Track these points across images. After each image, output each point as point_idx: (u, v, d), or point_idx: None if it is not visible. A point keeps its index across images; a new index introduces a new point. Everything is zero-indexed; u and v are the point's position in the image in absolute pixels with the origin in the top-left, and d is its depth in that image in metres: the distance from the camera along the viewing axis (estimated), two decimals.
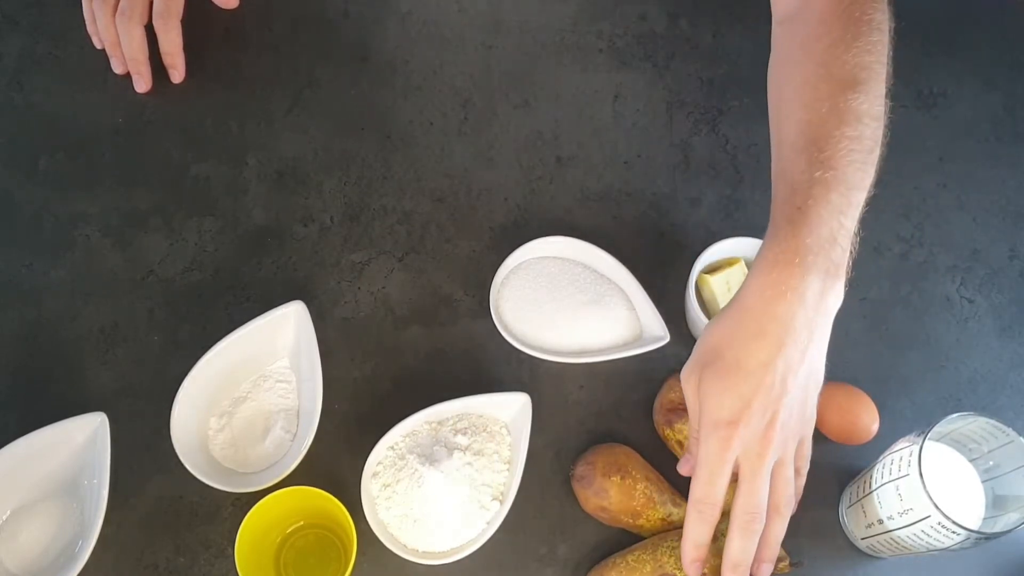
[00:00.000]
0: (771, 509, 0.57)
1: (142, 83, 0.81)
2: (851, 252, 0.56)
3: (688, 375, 0.58)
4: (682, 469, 0.63)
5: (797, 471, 0.59)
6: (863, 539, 0.66)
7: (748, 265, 0.72)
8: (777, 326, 0.54)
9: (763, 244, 0.57)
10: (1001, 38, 0.89)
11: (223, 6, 0.85)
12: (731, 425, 0.54)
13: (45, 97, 0.82)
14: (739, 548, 0.56)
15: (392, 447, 0.66)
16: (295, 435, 0.67)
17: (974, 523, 0.59)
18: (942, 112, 0.85)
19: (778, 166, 0.60)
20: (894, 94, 0.87)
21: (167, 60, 0.81)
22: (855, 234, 0.57)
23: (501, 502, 0.64)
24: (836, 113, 0.58)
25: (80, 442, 0.64)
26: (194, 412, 0.66)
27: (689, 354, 0.73)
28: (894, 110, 0.86)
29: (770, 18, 0.68)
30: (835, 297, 0.55)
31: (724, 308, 0.58)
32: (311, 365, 0.67)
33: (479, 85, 0.84)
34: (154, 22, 0.79)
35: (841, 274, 0.56)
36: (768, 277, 0.55)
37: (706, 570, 0.62)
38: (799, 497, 0.60)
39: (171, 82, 0.82)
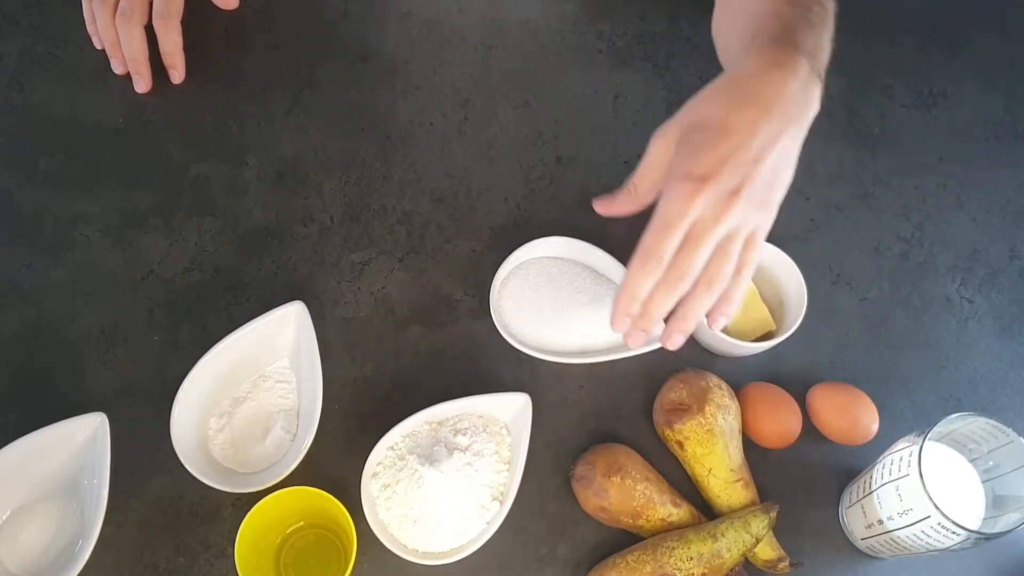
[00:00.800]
0: (702, 281, 0.57)
1: (142, 83, 0.81)
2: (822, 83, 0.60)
3: (666, 129, 0.59)
4: (597, 204, 0.64)
5: (739, 271, 0.58)
6: (863, 539, 0.66)
7: None
8: (769, 90, 0.56)
9: (749, 49, 0.60)
10: (1001, 38, 0.89)
11: (223, 7, 0.85)
12: (702, 180, 0.54)
13: (45, 97, 0.82)
14: (657, 299, 0.56)
15: (392, 447, 0.66)
16: (295, 435, 0.67)
17: (974, 523, 0.59)
18: (942, 112, 0.85)
19: (758, 24, 0.62)
20: (893, 94, 0.87)
21: (167, 60, 0.81)
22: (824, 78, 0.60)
23: (501, 502, 0.64)
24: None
25: (80, 442, 0.64)
26: (194, 412, 0.66)
27: (689, 353, 0.73)
28: (894, 110, 0.86)
29: None
30: (817, 92, 0.58)
31: (717, 80, 0.59)
32: (311, 365, 0.67)
33: (479, 85, 0.84)
34: (154, 22, 0.79)
35: (821, 82, 0.59)
36: (767, 54, 0.58)
37: (705, 569, 0.62)
38: (734, 303, 0.59)
39: (171, 82, 0.82)
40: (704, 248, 0.55)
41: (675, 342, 0.59)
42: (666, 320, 0.59)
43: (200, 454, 0.65)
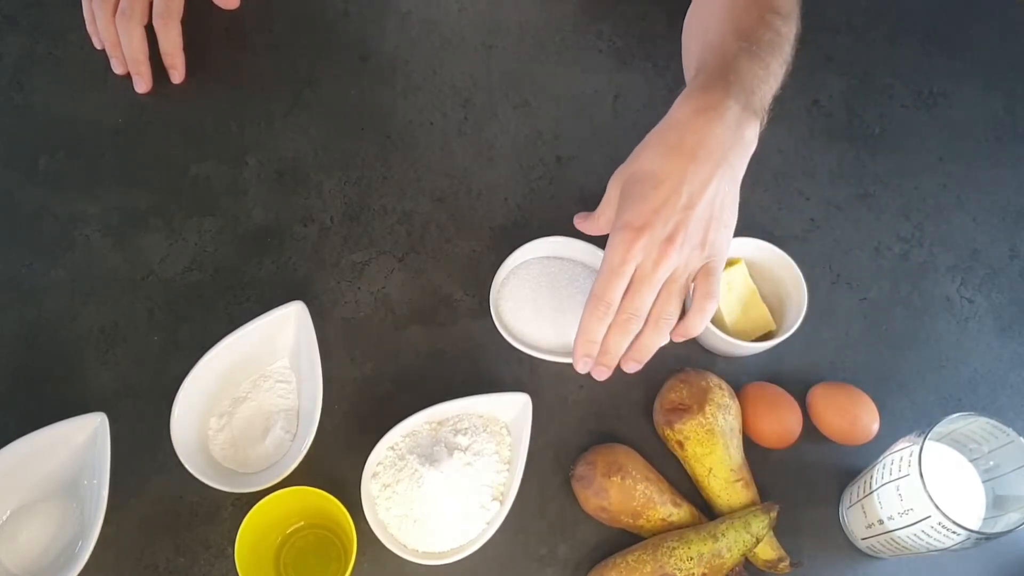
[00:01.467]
0: (650, 321, 0.61)
1: (142, 83, 0.81)
2: (765, 115, 0.63)
3: (615, 178, 0.64)
4: (578, 222, 0.69)
5: (700, 303, 0.61)
6: (863, 539, 0.66)
7: (748, 265, 0.72)
8: (694, 138, 0.60)
9: (691, 82, 0.63)
10: (1001, 38, 0.89)
11: (224, 6, 0.85)
12: (638, 230, 0.59)
13: (45, 97, 0.82)
14: (612, 340, 0.61)
15: (392, 447, 0.66)
16: (295, 435, 0.67)
17: (974, 523, 0.59)
18: (942, 112, 0.85)
19: (702, 55, 0.66)
20: (893, 94, 0.87)
21: (167, 60, 0.81)
22: (769, 108, 0.63)
23: (501, 502, 0.64)
24: (761, 21, 0.66)
25: (80, 442, 0.64)
26: (194, 412, 0.66)
27: (689, 353, 0.73)
28: (894, 110, 0.86)
29: None
30: (751, 131, 0.61)
31: (655, 128, 0.63)
32: (311, 365, 0.67)
33: (479, 85, 0.84)
34: (154, 22, 0.79)
35: (757, 119, 0.61)
36: (694, 100, 0.61)
37: (706, 569, 0.62)
38: (693, 330, 0.62)
39: (171, 82, 0.82)
40: (647, 291, 0.59)
41: (629, 368, 0.63)
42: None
43: (200, 454, 0.65)
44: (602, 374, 0.62)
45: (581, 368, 0.62)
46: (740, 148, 0.61)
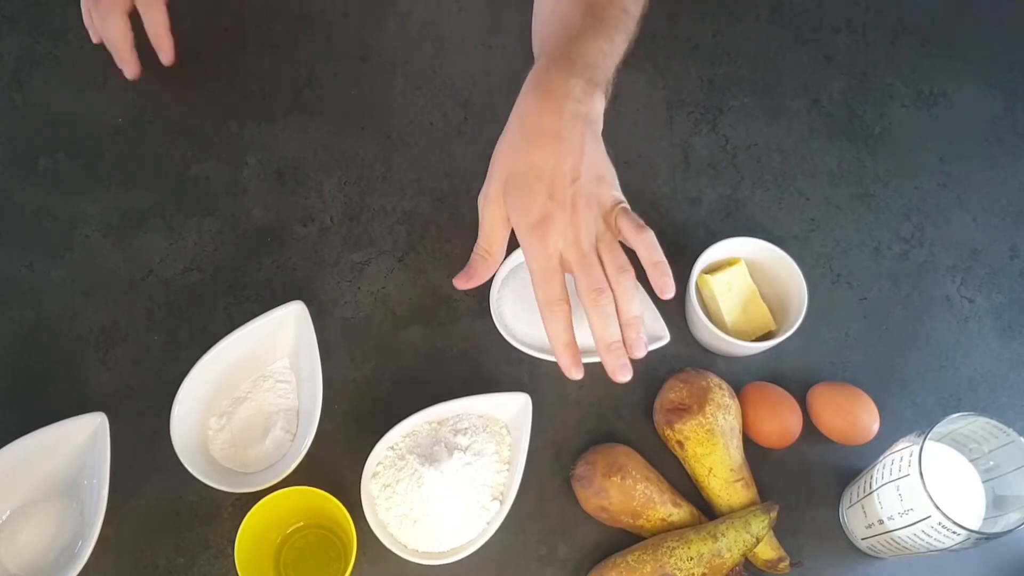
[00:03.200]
0: (611, 282, 0.60)
1: (129, 70, 0.79)
2: (610, 87, 0.65)
3: (487, 192, 0.63)
4: (457, 282, 0.66)
5: (637, 237, 0.61)
6: (863, 539, 0.66)
7: (748, 265, 0.72)
8: (551, 119, 0.61)
9: (533, 68, 0.64)
10: (1001, 38, 0.89)
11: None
12: (542, 222, 0.60)
13: (45, 97, 0.82)
14: (600, 326, 0.60)
15: (392, 447, 0.66)
16: (295, 435, 0.67)
17: (974, 523, 0.59)
18: (942, 112, 0.85)
19: (549, 31, 0.67)
20: (893, 94, 0.87)
21: (154, 43, 0.78)
22: (611, 80, 0.65)
23: (501, 502, 0.64)
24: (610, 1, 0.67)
25: (80, 442, 0.64)
26: (194, 412, 0.66)
27: (689, 353, 0.73)
28: (894, 110, 0.86)
29: (769, 17, 0.68)
30: (598, 101, 0.63)
31: (507, 126, 0.64)
32: (311, 365, 0.67)
33: (479, 85, 0.84)
34: (137, 5, 0.77)
35: (601, 91, 0.63)
36: (538, 83, 0.63)
37: (705, 569, 0.62)
38: (662, 266, 0.61)
39: (166, 74, 0.80)
40: (589, 260, 0.60)
41: (636, 351, 0.61)
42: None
43: (200, 454, 0.65)
44: (623, 372, 0.60)
45: (575, 374, 0.61)
46: (594, 116, 0.63)
